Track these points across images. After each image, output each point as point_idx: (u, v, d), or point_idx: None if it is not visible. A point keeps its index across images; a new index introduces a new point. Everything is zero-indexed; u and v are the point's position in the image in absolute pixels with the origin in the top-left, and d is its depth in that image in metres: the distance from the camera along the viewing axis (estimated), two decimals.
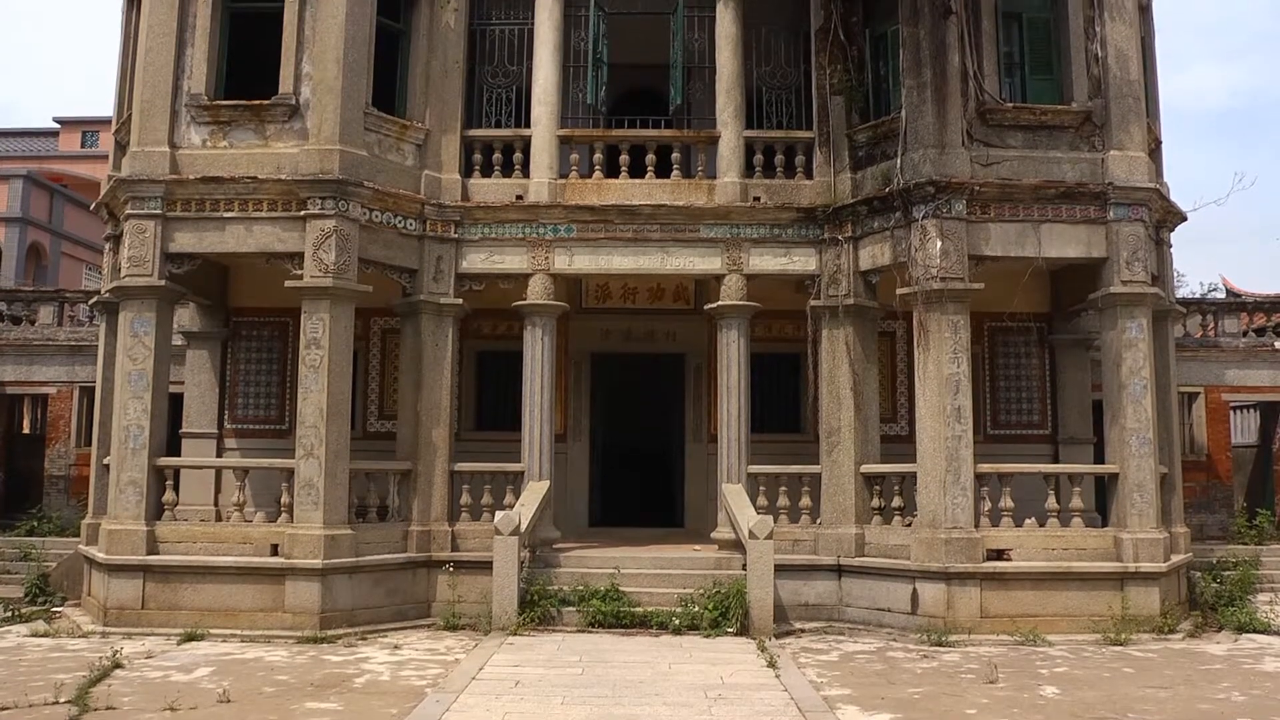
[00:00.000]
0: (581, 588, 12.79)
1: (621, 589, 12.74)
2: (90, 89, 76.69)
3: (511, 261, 14.17)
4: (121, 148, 14.27)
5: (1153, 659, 11.21)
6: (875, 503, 13.61)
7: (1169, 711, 9.05)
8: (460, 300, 14.09)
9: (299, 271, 12.84)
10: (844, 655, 11.42)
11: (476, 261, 14.16)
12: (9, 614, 13.35)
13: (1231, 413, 20.45)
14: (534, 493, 13.54)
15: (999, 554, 12.64)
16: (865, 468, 13.66)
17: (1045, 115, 13.36)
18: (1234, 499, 19.73)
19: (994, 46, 13.49)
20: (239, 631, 12.06)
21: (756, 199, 14.24)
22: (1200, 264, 67.20)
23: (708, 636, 11.97)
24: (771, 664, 10.49)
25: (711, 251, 14.17)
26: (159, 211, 12.87)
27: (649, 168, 14.37)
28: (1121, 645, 11.83)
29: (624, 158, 14.47)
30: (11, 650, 11.28)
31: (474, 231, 14.16)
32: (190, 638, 11.79)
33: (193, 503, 14.68)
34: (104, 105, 18.70)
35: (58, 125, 40.15)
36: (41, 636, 12.09)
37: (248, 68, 13.52)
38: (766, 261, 14.16)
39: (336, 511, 12.60)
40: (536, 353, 14.05)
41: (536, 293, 14.10)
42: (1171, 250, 14.84)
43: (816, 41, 14.41)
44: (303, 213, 12.84)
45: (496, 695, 9.14)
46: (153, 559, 12.48)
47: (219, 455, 16.05)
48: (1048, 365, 16.65)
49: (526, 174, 14.35)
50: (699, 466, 16.42)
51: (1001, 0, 13.64)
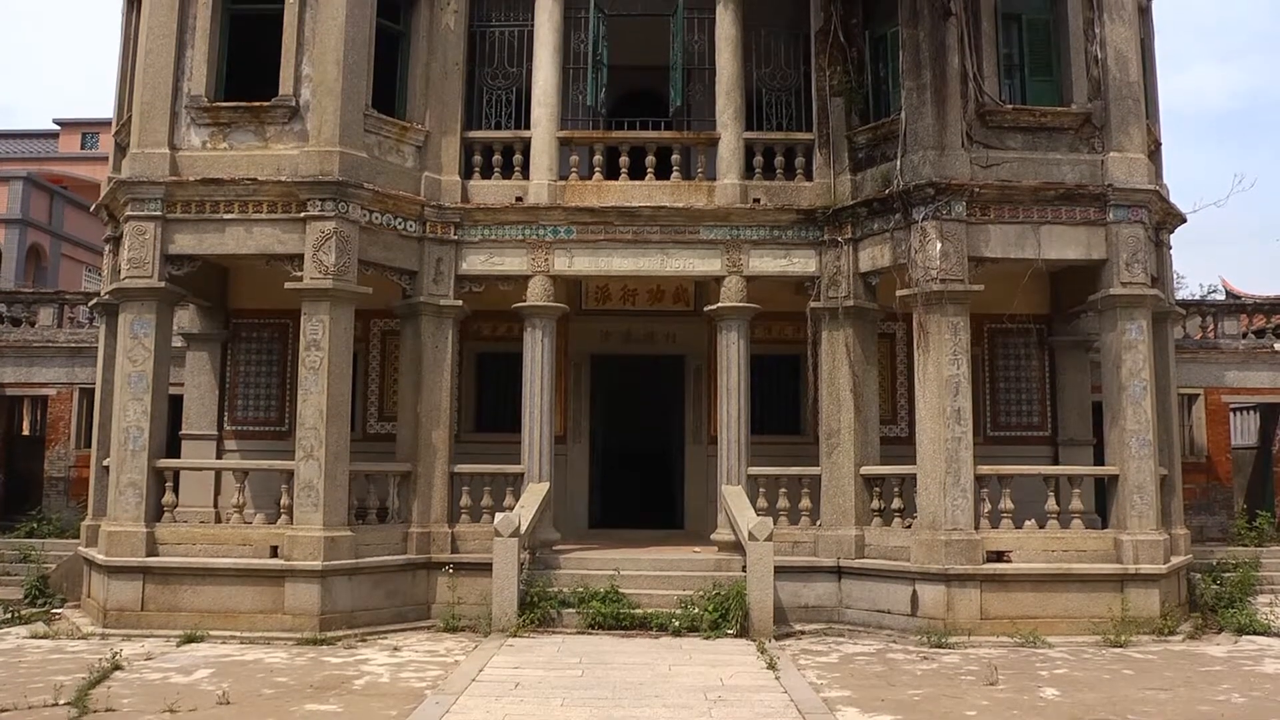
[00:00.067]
0: (581, 589, 12.79)
1: (621, 591, 12.74)
2: (90, 90, 76.69)
3: (511, 263, 14.18)
4: (121, 149, 14.27)
5: (1153, 661, 11.21)
6: (875, 504, 13.62)
7: (1169, 713, 9.05)
8: (460, 302, 14.10)
9: (299, 273, 12.85)
10: (844, 657, 11.43)
11: (476, 263, 14.17)
12: (8, 615, 13.35)
13: (1231, 414, 20.45)
14: (534, 494, 13.54)
15: (999, 556, 12.65)
16: (865, 469, 13.67)
17: (1045, 117, 13.38)
18: (1234, 500, 19.74)
19: (994, 48, 13.52)
20: (238, 633, 12.06)
21: (756, 201, 14.25)
22: (1200, 265, 67.34)
23: (707, 638, 11.97)
24: (771, 666, 10.49)
25: (711, 253, 14.18)
26: (159, 213, 12.89)
27: (649, 169, 14.38)
28: (1121, 647, 11.83)
29: (624, 159, 14.48)
30: (11, 652, 11.28)
31: (474, 233, 14.17)
32: (190, 639, 11.80)
33: (192, 504, 14.68)
34: (104, 107, 18.73)
35: (58, 127, 40.14)
36: (41, 638, 12.09)
37: (248, 69, 13.53)
38: (766, 263, 14.17)
39: (336, 513, 12.61)
40: (536, 354, 14.05)
41: (536, 294, 14.10)
42: (1171, 252, 14.85)
43: (816, 43, 14.42)
44: (303, 214, 12.86)
45: (496, 697, 9.14)
46: (152, 561, 12.49)
47: (219, 457, 16.06)
48: (1047, 367, 16.66)
49: (526, 176, 14.37)
50: (699, 468, 16.43)
51: (1001, 2, 13.67)
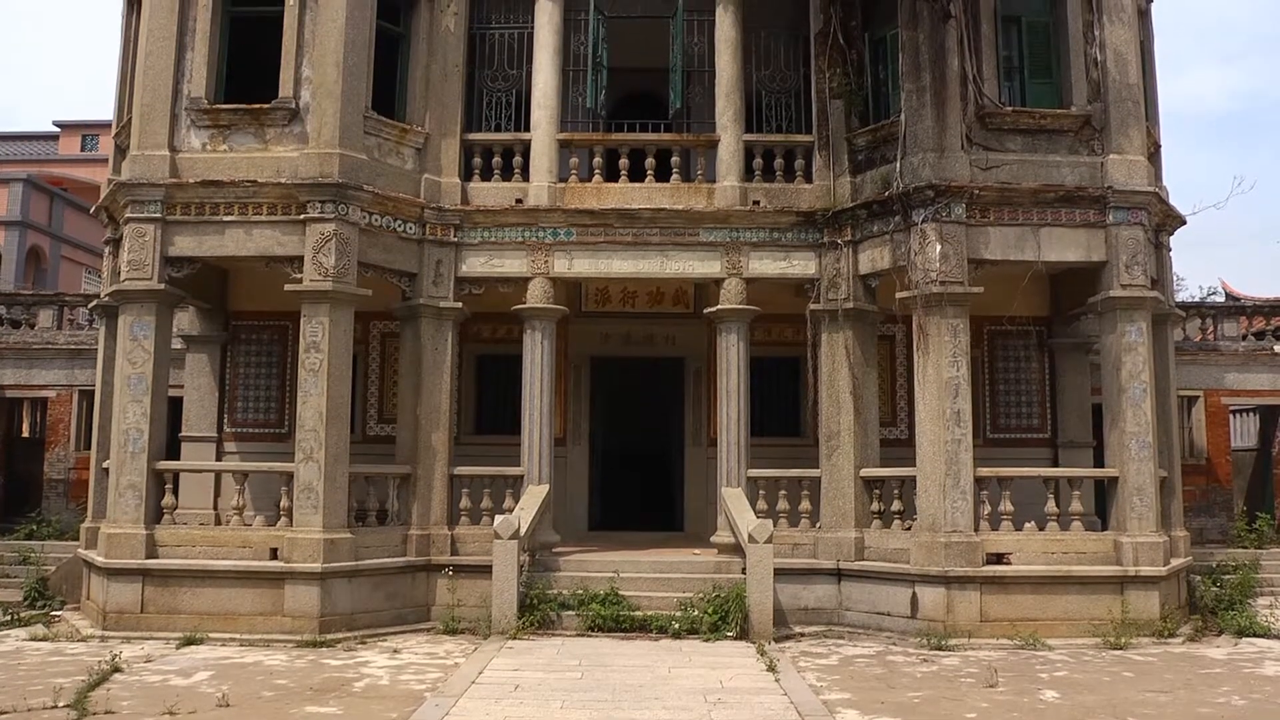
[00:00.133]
0: (581, 592, 12.79)
1: (621, 593, 12.73)
2: (90, 93, 76.89)
3: (511, 265, 14.18)
4: (121, 151, 14.27)
5: (1152, 663, 11.21)
6: (875, 506, 13.61)
7: (1169, 716, 9.05)
8: (460, 304, 14.10)
9: (298, 275, 12.85)
10: (844, 659, 11.42)
11: (476, 265, 14.17)
12: (8, 618, 13.34)
13: (1231, 416, 20.44)
14: (533, 496, 13.54)
15: (999, 558, 12.66)
16: (865, 471, 13.66)
17: (1044, 119, 13.38)
18: (1234, 502, 19.72)
19: (993, 50, 13.52)
20: (238, 635, 12.06)
21: (756, 203, 14.25)
22: (1200, 267, 67.30)
23: (707, 640, 11.96)
24: (771, 668, 10.49)
25: (711, 255, 14.18)
26: (159, 215, 12.89)
27: (648, 171, 14.38)
28: (1121, 649, 11.83)
29: (623, 161, 14.48)
30: (10, 654, 11.28)
31: (474, 235, 14.17)
32: (189, 642, 11.79)
33: (192, 506, 14.66)
34: (104, 109, 18.76)
35: (58, 129, 40.15)
36: (40, 640, 12.08)
37: (248, 71, 13.54)
38: (766, 265, 14.17)
39: (336, 515, 12.60)
40: (536, 356, 14.05)
41: (536, 296, 14.10)
42: (1171, 254, 14.85)
43: (816, 45, 14.43)
44: (302, 216, 12.86)
45: (496, 699, 9.14)
46: (152, 563, 12.49)
47: (218, 459, 16.06)
48: (1047, 369, 16.68)
49: (526, 178, 14.37)
50: (698, 470, 16.43)
51: (1001, 4, 13.68)
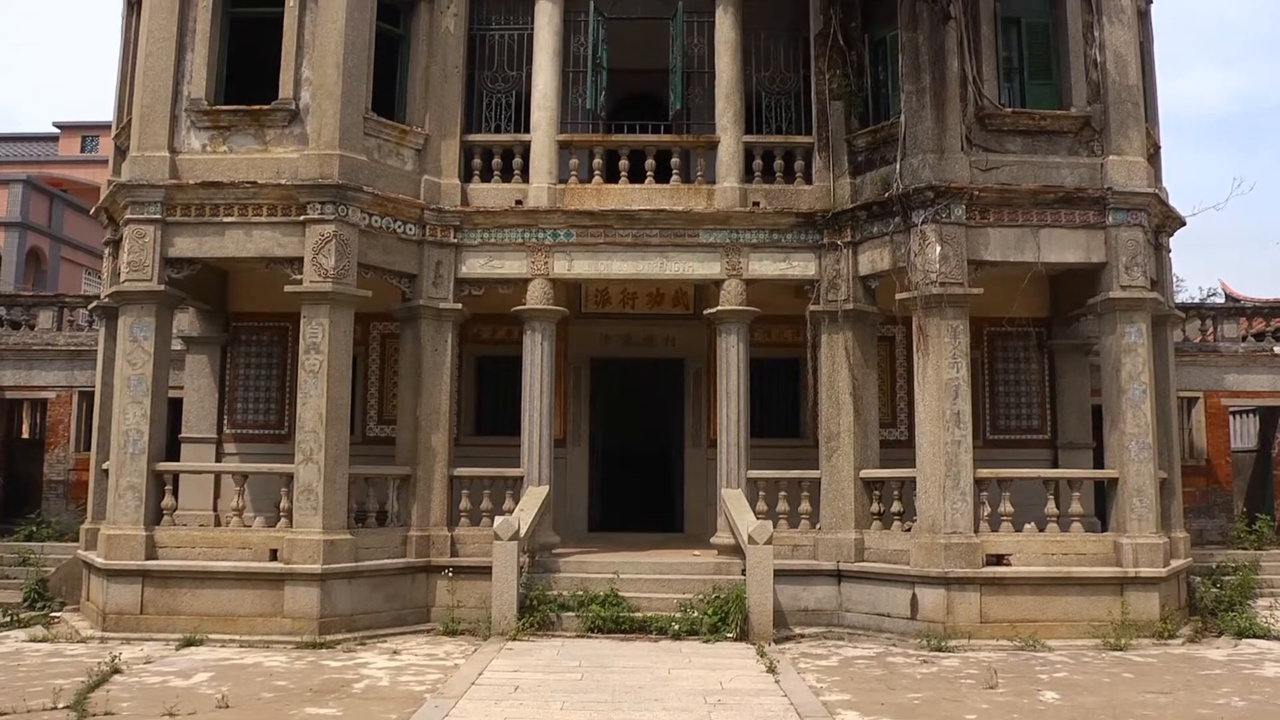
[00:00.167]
0: (581, 593, 12.79)
1: (621, 594, 12.73)
2: (90, 94, 76.84)
3: (511, 266, 14.19)
4: (121, 153, 14.28)
5: (1153, 664, 11.21)
6: (875, 508, 13.62)
7: (1169, 717, 9.05)
8: (460, 305, 14.10)
9: (298, 276, 12.85)
10: (843, 660, 11.42)
11: (476, 266, 14.17)
12: (7, 619, 13.34)
13: (1231, 417, 20.44)
14: (533, 498, 13.54)
15: (999, 559, 12.66)
16: (865, 473, 13.66)
17: (1044, 120, 13.39)
18: (1233, 504, 19.73)
19: (993, 52, 13.53)
20: (238, 637, 12.06)
21: (756, 204, 14.25)
22: (1199, 269, 67.38)
23: (707, 642, 11.95)
24: (771, 669, 10.48)
25: (711, 256, 14.19)
26: (158, 216, 12.89)
27: (648, 173, 14.39)
28: (1121, 650, 11.82)
29: (623, 163, 14.49)
30: (10, 655, 11.27)
31: (473, 236, 14.18)
32: (189, 643, 11.78)
33: (192, 508, 14.65)
34: (104, 110, 18.74)
35: (58, 130, 40.17)
36: (40, 641, 12.08)
37: (248, 73, 13.54)
38: (766, 266, 14.17)
39: (336, 516, 12.60)
40: (536, 357, 14.05)
41: (536, 298, 14.11)
42: (1170, 255, 14.86)
43: (816, 46, 14.44)
44: (302, 218, 12.86)
45: (495, 701, 9.13)
46: (151, 564, 12.49)
47: (218, 460, 16.07)
48: (1047, 370, 16.69)
49: (526, 179, 14.37)
50: (698, 471, 16.44)
51: (1000, 5, 13.69)
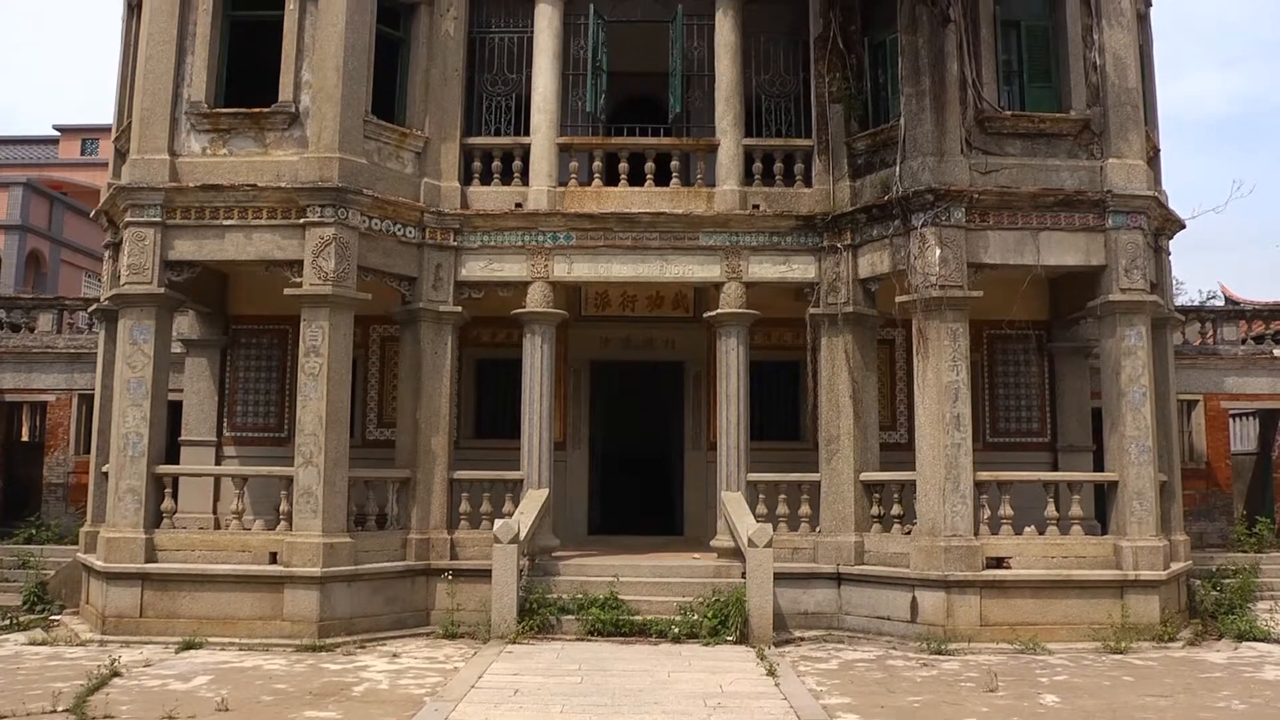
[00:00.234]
0: (580, 596, 12.78)
1: (621, 597, 12.72)
2: (90, 96, 76.95)
3: (511, 269, 14.19)
4: (121, 155, 14.29)
5: (1153, 667, 11.20)
6: (874, 510, 13.61)
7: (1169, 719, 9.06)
8: (459, 308, 14.10)
9: (298, 279, 12.86)
10: (843, 663, 11.41)
11: (476, 269, 14.18)
12: (7, 622, 13.32)
13: (1231, 420, 20.42)
14: (533, 500, 13.53)
15: (998, 562, 12.65)
16: (864, 475, 13.66)
17: (1044, 123, 13.39)
18: (1233, 506, 19.71)
19: (993, 54, 13.53)
20: (237, 640, 12.05)
21: (755, 207, 14.25)
22: (1199, 271, 67.20)
23: (707, 645, 11.95)
24: (771, 672, 10.47)
25: (710, 259, 14.19)
26: (158, 219, 12.90)
27: (648, 175, 14.39)
28: (1121, 653, 11.82)
29: (623, 165, 14.49)
30: (9, 658, 11.26)
31: (473, 239, 14.18)
32: (188, 646, 11.77)
33: (191, 510, 14.68)
34: (104, 113, 18.77)
35: (58, 133, 40.19)
36: (39, 644, 12.07)
37: (248, 76, 13.55)
38: (766, 269, 14.18)
39: (335, 519, 12.60)
40: (536, 360, 14.05)
41: (536, 300, 14.11)
42: (1170, 258, 14.87)
43: (815, 49, 14.45)
44: (302, 220, 12.86)
45: (495, 704, 9.13)
46: (151, 567, 12.48)
47: (218, 463, 16.07)
48: (1047, 373, 16.68)
49: (526, 182, 14.38)
50: (698, 474, 16.43)
51: (1000, 8, 13.70)
